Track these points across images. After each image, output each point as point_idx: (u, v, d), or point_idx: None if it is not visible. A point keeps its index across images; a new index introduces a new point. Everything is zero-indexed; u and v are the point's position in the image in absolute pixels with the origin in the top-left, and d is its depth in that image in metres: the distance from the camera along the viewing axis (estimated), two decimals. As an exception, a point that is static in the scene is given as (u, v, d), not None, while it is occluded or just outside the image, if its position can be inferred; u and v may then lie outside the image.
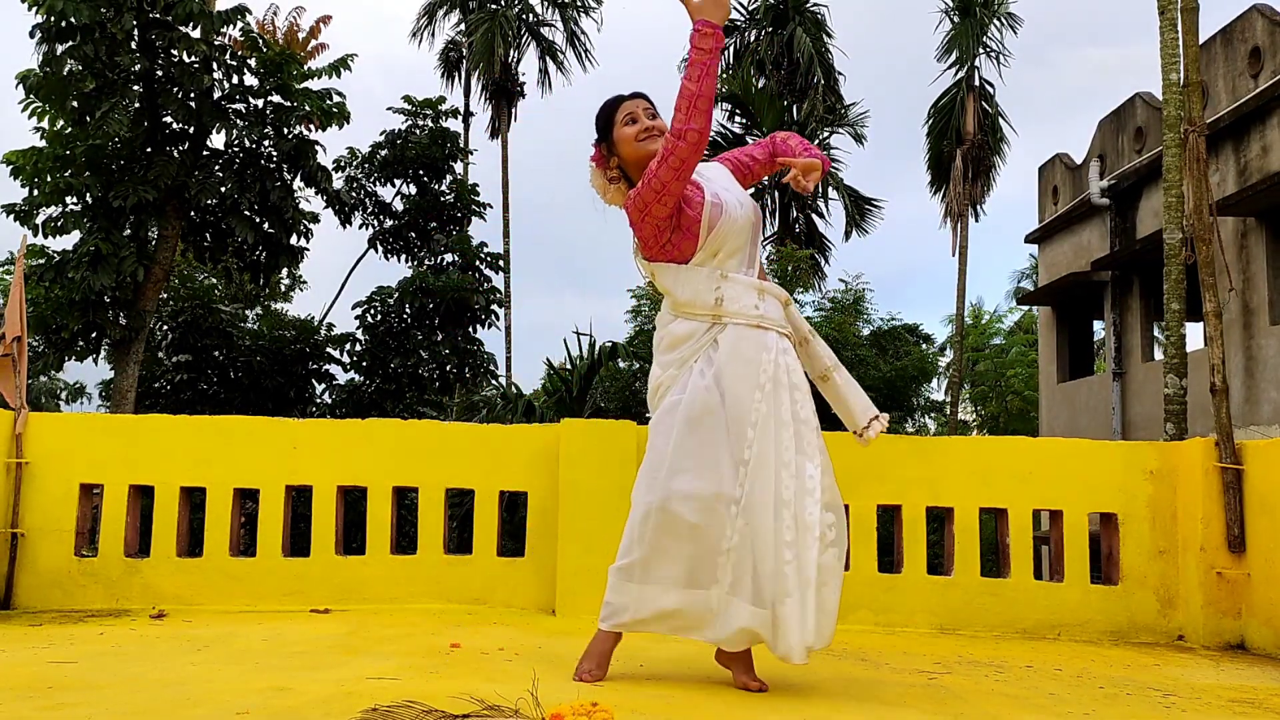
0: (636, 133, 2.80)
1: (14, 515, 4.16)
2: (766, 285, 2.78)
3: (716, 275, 2.74)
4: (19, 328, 4.26)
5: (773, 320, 2.75)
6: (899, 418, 14.93)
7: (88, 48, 11.25)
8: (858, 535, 4.34)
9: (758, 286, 2.76)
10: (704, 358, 2.73)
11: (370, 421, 4.60)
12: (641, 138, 2.80)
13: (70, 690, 2.42)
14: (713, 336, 2.74)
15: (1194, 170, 4.41)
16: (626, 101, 2.86)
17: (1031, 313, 28.54)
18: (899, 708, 2.59)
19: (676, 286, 2.78)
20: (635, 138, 2.80)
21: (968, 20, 21.92)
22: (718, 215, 2.73)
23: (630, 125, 2.82)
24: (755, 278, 2.80)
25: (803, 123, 20.85)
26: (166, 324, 14.73)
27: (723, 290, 2.73)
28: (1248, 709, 2.89)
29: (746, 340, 2.71)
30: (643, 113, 2.83)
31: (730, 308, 2.72)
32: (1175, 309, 8.98)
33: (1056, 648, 3.95)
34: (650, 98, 2.90)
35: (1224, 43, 12.10)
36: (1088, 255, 14.96)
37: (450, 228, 16.48)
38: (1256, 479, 4.10)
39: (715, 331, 2.74)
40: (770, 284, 2.81)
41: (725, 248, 2.76)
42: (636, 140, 2.80)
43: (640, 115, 2.82)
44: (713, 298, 2.73)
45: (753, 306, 2.73)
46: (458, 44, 27.19)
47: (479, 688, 2.34)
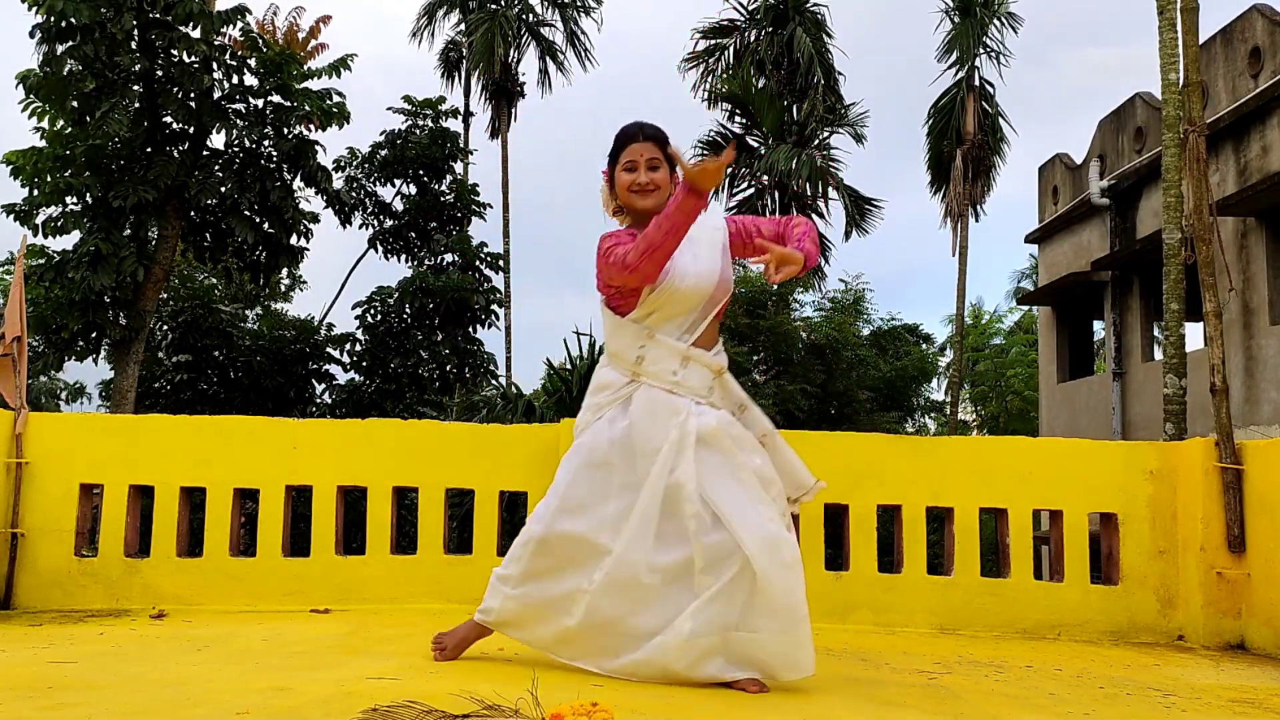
0: (630, 183, 2.82)
1: (14, 515, 4.16)
2: (694, 353, 2.77)
3: (643, 334, 2.78)
4: (19, 328, 4.26)
5: (690, 388, 2.76)
6: (899, 418, 14.93)
7: (88, 48, 11.25)
8: (858, 535, 4.34)
9: (683, 353, 2.76)
10: (618, 409, 2.81)
11: (370, 421, 4.60)
12: (633, 189, 2.82)
13: (70, 690, 2.42)
14: (629, 393, 2.80)
15: (1194, 170, 4.41)
16: (634, 144, 2.83)
17: (1031, 313, 28.54)
18: (899, 708, 2.59)
19: (609, 336, 2.87)
20: (628, 188, 2.83)
21: (968, 20, 21.91)
22: (661, 280, 2.75)
23: (628, 173, 2.83)
24: (692, 346, 2.78)
25: (803, 123, 20.85)
26: (166, 324, 14.74)
27: (645, 351, 2.78)
28: (1248, 709, 2.89)
29: (657, 403, 2.75)
30: (644, 163, 2.81)
31: (649, 369, 2.77)
32: (1175, 309, 8.98)
33: (1056, 648, 3.95)
34: (662, 137, 2.85)
35: (1224, 43, 12.10)
36: (1088, 255, 14.96)
37: (450, 228, 16.48)
38: (1256, 479, 4.10)
39: (631, 388, 2.79)
40: (700, 353, 2.78)
41: (661, 311, 2.79)
42: (628, 191, 2.83)
43: (640, 165, 2.82)
44: (634, 355, 2.79)
45: (670, 372, 2.76)
46: (458, 44, 27.19)
47: (479, 688, 2.34)
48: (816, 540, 4.35)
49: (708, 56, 22.49)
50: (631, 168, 2.82)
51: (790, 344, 12.93)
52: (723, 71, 22.12)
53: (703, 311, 2.81)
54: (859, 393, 12.83)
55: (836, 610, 4.26)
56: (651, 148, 2.83)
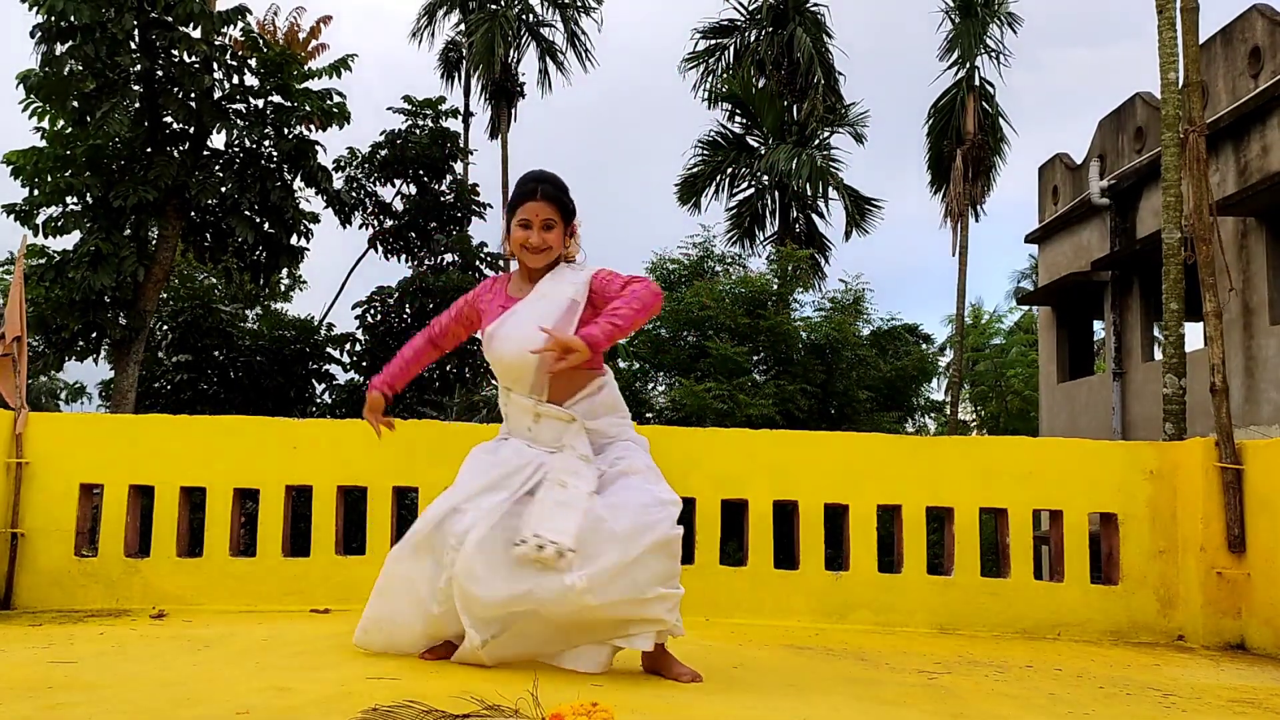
0: (522, 240, 2.87)
1: (14, 515, 4.16)
2: (545, 409, 2.83)
3: (505, 394, 2.94)
4: (19, 328, 4.26)
5: (543, 442, 2.85)
6: (899, 418, 14.92)
7: (88, 48, 11.25)
8: (858, 535, 4.34)
9: (533, 411, 2.85)
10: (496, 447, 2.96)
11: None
12: (525, 247, 2.87)
13: (70, 690, 2.42)
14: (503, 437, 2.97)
15: (1194, 170, 4.41)
16: (531, 203, 2.86)
17: (1031, 313, 28.53)
18: (899, 707, 2.59)
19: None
20: (520, 244, 2.88)
21: (968, 20, 21.90)
22: (488, 346, 2.90)
23: (522, 229, 2.87)
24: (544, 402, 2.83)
25: (803, 123, 20.84)
26: (166, 324, 14.73)
27: (507, 409, 2.95)
28: (1248, 709, 2.89)
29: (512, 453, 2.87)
30: (538, 223, 2.86)
31: (511, 425, 2.95)
32: (1175, 309, 8.97)
33: (1056, 648, 3.95)
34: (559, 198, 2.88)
35: (1224, 43, 12.10)
36: (1088, 255, 14.95)
37: (450, 228, 16.46)
38: (1256, 479, 4.10)
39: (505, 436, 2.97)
40: (551, 409, 2.82)
41: (501, 375, 2.93)
42: (521, 248, 2.88)
43: (535, 224, 2.86)
44: (503, 412, 2.98)
45: (525, 428, 2.88)
46: (458, 44, 27.18)
47: (479, 688, 2.34)
48: (817, 540, 4.35)
49: (708, 56, 22.50)
50: (526, 225, 2.86)
51: (790, 344, 12.92)
52: (723, 71, 22.12)
53: (539, 375, 2.81)
54: (859, 393, 12.81)
55: (836, 610, 4.26)
56: (547, 208, 2.86)
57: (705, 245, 15.22)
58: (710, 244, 15.32)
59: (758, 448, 4.44)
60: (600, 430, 2.86)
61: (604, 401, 2.90)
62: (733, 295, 13.24)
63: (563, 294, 2.86)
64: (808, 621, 4.22)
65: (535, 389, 2.84)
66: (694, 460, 4.36)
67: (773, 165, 19.75)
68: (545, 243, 2.85)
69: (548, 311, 2.81)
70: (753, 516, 4.35)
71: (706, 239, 15.34)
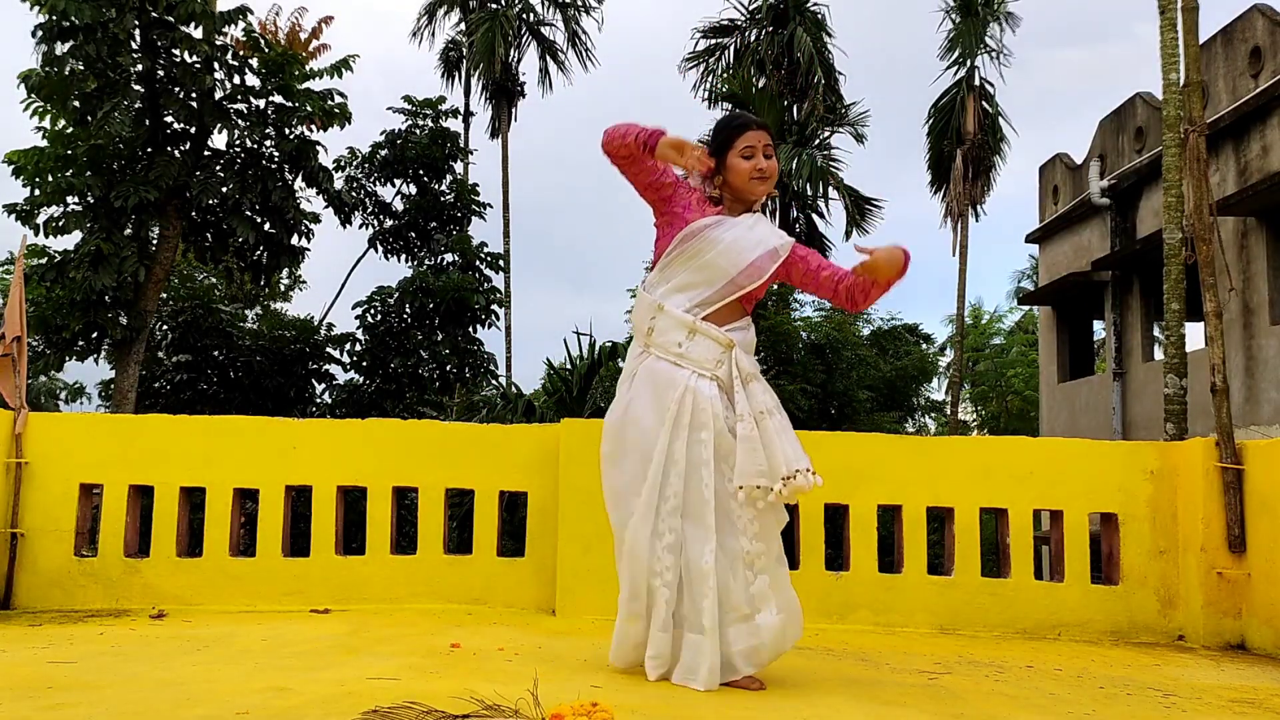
0: (751, 170, 2.82)
1: (14, 515, 4.16)
2: (702, 326, 2.75)
3: (654, 307, 2.80)
4: (19, 328, 4.26)
5: (693, 360, 2.74)
6: (899, 418, 14.92)
7: (89, 47, 11.25)
8: (858, 535, 4.34)
9: (689, 325, 2.75)
10: (631, 380, 2.82)
11: (370, 421, 4.60)
12: (754, 177, 2.82)
13: (70, 690, 2.42)
14: (640, 363, 2.81)
15: (1194, 170, 4.41)
16: (752, 132, 2.84)
17: (1031, 313, 28.53)
18: (899, 708, 2.59)
19: (635, 307, 2.90)
20: (750, 174, 2.82)
21: (968, 20, 21.89)
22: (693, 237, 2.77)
23: (745, 160, 2.82)
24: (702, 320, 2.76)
25: (803, 123, 20.83)
26: (166, 324, 14.73)
27: (655, 322, 2.79)
28: (1248, 709, 2.89)
29: (658, 374, 2.75)
30: (761, 149, 2.82)
31: (657, 339, 2.78)
32: (1175, 309, 8.97)
33: (1057, 648, 3.95)
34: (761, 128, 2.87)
35: (1224, 42, 12.10)
36: (1088, 255, 14.95)
37: (450, 228, 16.47)
38: (1257, 479, 4.10)
39: (643, 359, 2.81)
40: (709, 327, 2.75)
41: (679, 279, 2.80)
42: (750, 178, 2.82)
43: (758, 151, 2.82)
44: (646, 327, 2.81)
45: (675, 344, 2.75)
46: (458, 44, 27.19)
47: (479, 688, 2.34)
48: (817, 540, 4.35)
49: (708, 56, 22.49)
50: (750, 154, 2.82)
51: (790, 344, 12.93)
52: (723, 71, 22.10)
53: (721, 290, 2.78)
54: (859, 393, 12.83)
55: (836, 610, 4.26)
56: (766, 136, 2.84)
57: (706, 245, 15.19)
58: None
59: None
60: (744, 364, 2.77)
61: (750, 340, 2.86)
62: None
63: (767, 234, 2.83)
64: (808, 622, 4.19)
65: (704, 304, 2.77)
66: (694, 460, 4.36)
67: (773, 165, 19.72)
68: (771, 170, 2.82)
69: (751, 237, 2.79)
70: (753, 516, 4.34)
71: (707, 239, 15.31)
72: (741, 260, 2.78)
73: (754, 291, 2.85)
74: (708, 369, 2.74)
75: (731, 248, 2.78)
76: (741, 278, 2.78)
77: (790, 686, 2.75)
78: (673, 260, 2.79)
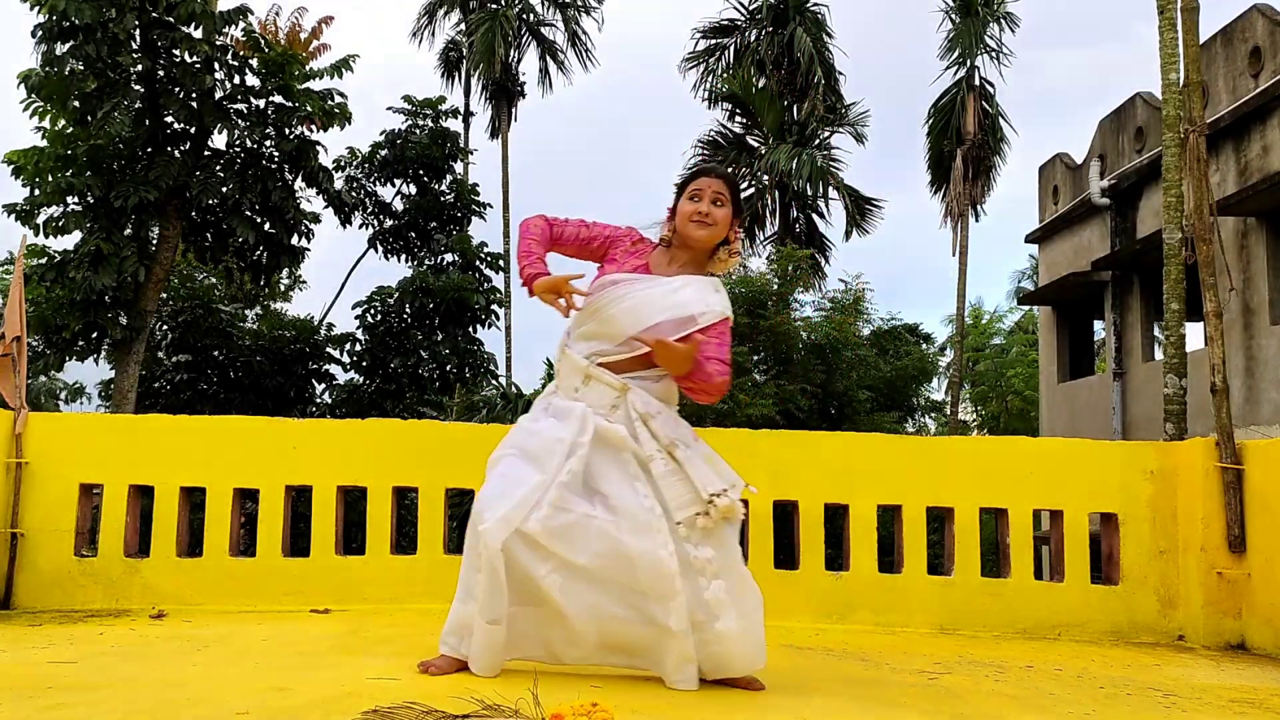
0: (691, 212, 2.81)
1: (14, 515, 4.16)
2: (596, 372, 2.73)
3: (560, 350, 2.84)
4: (19, 328, 4.26)
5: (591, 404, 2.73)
6: (899, 418, 14.91)
7: (89, 47, 11.25)
8: (858, 535, 4.34)
9: (584, 370, 2.75)
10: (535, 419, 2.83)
11: (370, 421, 4.60)
12: (693, 218, 2.80)
13: (70, 690, 2.42)
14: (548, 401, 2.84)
15: (1194, 170, 4.41)
16: (705, 178, 2.84)
17: (1031, 313, 28.53)
18: (899, 708, 2.59)
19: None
20: (689, 216, 2.81)
21: (969, 20, 21.89)
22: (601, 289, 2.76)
23: (691, 202, 2.82)
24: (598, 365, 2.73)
25: (803, 122, 20.83)
26: (166, 324, 14.73)
27: (560, 365, 2.84)
28: (1248, 709, 2.89)
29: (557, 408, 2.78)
30: (709, 195, 2.81)
31: (561, 383, 2.82)
32: (1175, 309, 8.97)
33: (1057, 648, 3.95)
34: (735, 184, 2.88)
35: (1224, 42, 12.10)
36: (1088, 255, 14.95)
37: (450, 228, 16.46)
38: (1256, 479, 4.10)
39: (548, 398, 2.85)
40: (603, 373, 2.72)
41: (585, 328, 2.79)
42: (689, 220, 2.81)
43: (705, 196, 2.81)
44: (557, 368, 2.87)
45: (573, 389, 2.78)
46: (458, 44, 27.18)
47: (479, 688, 2.34)
48: (817, 540, 4.35)
49: (708, 56, 22.49)
50: (696, 198, 2.82)
51: (790, 344, 12.92)
52: (723, 71, 22.10)
53: (620, 347, 2.74)
54: (859, 393, 12.81)
55: (836, 610, 4.26)
56: (721, 185, 2.84)
57: (706, 245, 15.19)
58: (710, 244, 15.29)
59: (758, 448, 4.43)
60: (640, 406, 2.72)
61: (663, 390, 2.78)
62: (733, 295, 13.22)
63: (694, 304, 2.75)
64: (808, 622, 4.22)
65: (603, 354, 2.74)
66: (694, 460, 4.36)
67: (773, 165, 19.74)
68: (713, 217, 2.80)
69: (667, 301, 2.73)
70: (753, 517, 4.35)
71: (707, 239, 15.31)
72: (643, 321, 2.71)
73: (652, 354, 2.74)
74: (603, 412, 2.72)
75: (636, 307, 2.72)
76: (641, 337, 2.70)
77: (790, 686, 2.75)
78: (584, 308, 2.78)
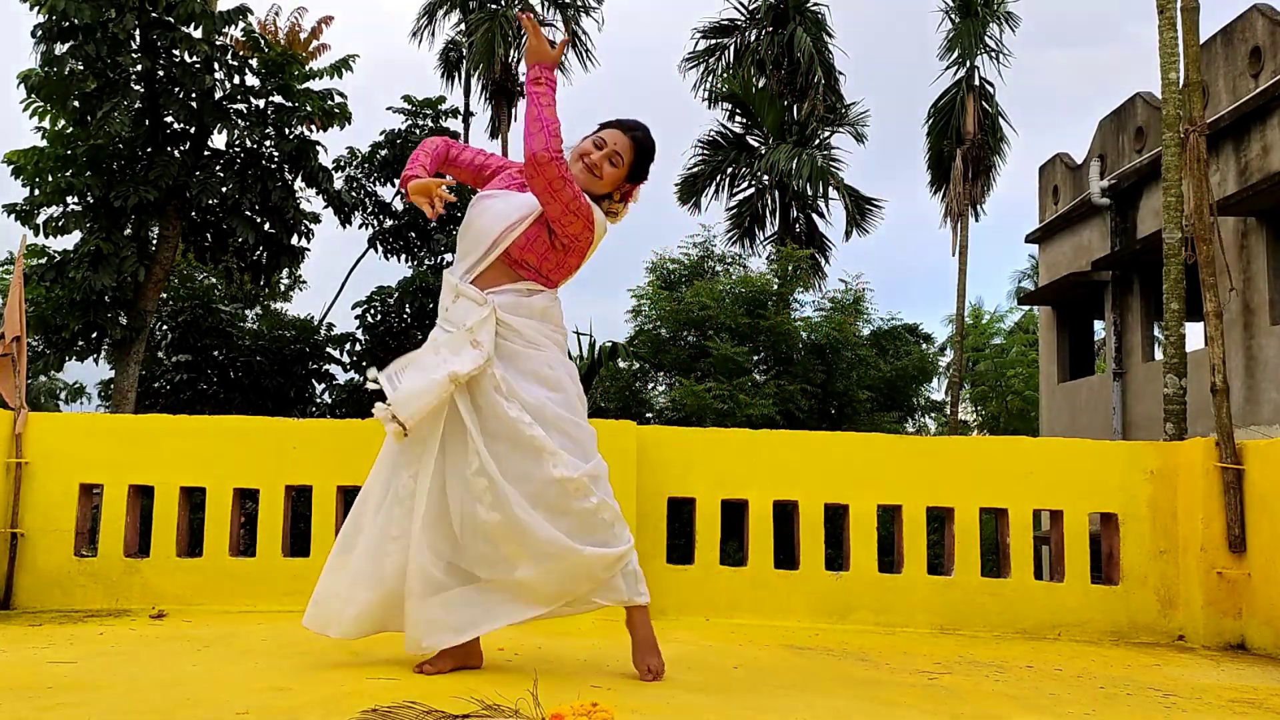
0: (584, 153, 2.83)
1: (14, 515, 4.16)
2: (464, 289, 2.77)
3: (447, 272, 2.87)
4: (19, 328, 4.26)
5: (453, 322, 2.77)
6: (899, 418, 14.92)
7: (89, 47, 11.26)
8: (858, 535, 4.34)
9: (456, 290, 2.79)
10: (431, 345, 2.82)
11: (370, 421, 4.58)
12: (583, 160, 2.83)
13: (70, 690, 2.42)
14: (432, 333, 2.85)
15: (1194, 170, 4.41)
16: (615, 132, 2.86)
17: (1032, 313, 28.53)
18: (899, 708, 2.59)
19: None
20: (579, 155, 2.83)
21: (968, 20, 21.89)
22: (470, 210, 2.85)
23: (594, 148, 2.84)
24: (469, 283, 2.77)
25: (803, 122, 20.83)
26: (166, 324, 14.74)
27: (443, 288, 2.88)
28: (1248, 709, 2.89)
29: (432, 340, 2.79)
30: (610, 149, 2.83)
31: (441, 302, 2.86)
32: (1175, 309, 8.96)
33: (1057, 648, 3.95)
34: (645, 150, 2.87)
35: (1224, 42, 12.10)
36: (1088, 255, 14.95)
37: (450, 227, 16.47)
38: (1257, 479, 4.10)
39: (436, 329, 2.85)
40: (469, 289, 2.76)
41: (460, 248, 2.88)
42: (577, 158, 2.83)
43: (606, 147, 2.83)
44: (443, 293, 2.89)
45: (444, 308, 2.83)
46: (458, 44, 27.16)
47: (479, 688, 2.34)
48: (816, 540, 4.35)
49: (708, 56, 22.49)
50: (600, 145, 2.83)
51: (790, 344, 12.92)
52: (723, 71, 22.11)
53: (485, 250, 2.78)
54: (859, 393, 12.82)
55: (836, 610, 4.26)
56: (627, 145, 2.83)
57: (705, 245, 15.24)
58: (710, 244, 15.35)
59: (758, 448, 4.43)
60: (517, 329, 2.75)
61: (534, 305, 2.80)
62: (733, 295, 13.25)
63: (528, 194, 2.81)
64: (808, 622, 4.22)
65: (471, 268, 2.79)
66: (694, 460, 4.36)
67: (773, 165, 19.75)
68: (601, 172, 2.82)
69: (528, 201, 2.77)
70: (753, 516, 4.35)
71: (707, 239, 15.37)
72: (503, 219, 2.78)
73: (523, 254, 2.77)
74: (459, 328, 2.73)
75: (497, 208, 2.79)
76: (502, 236, 2.76)
77: (790, 687, 2.75)
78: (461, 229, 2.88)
